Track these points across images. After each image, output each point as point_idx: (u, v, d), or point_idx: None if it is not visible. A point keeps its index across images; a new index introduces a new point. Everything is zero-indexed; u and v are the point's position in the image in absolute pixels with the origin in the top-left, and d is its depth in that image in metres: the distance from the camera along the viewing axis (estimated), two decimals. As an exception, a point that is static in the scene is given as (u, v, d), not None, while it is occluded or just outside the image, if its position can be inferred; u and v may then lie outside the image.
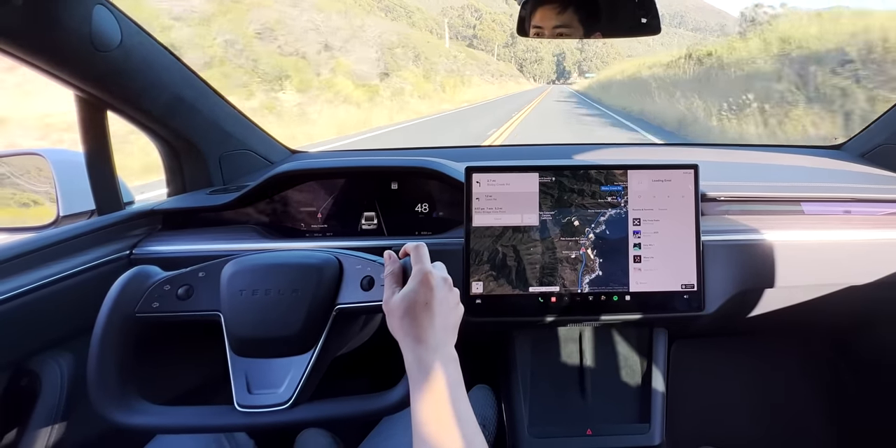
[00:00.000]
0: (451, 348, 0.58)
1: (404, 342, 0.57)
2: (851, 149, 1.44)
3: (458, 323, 0.62)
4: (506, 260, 0.93)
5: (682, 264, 0.94)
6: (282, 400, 0.63)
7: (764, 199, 1.08)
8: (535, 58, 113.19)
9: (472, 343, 0.73)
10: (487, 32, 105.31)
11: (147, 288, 0.66)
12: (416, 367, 0.55)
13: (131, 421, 0.62)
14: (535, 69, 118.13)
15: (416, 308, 0.57)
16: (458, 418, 0.52)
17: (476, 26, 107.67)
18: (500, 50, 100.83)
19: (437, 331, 0.57)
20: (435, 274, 0.60)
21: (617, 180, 0.95)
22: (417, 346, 0.56)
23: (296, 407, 0.63)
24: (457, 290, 0.63)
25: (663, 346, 1.08)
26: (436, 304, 0.58)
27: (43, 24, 0.77)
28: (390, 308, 0.59)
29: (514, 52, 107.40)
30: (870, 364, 1.43)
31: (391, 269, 0.63)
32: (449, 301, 0.61)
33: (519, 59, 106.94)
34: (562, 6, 0.96)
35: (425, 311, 0.57)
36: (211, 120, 1.16)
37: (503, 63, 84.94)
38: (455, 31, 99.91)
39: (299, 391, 0.63)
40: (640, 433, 1.00)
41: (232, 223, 1.09)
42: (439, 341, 0.57)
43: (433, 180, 1.10)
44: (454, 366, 0.57)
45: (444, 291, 0.60)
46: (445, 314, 0.59)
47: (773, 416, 1.45)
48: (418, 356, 0.55)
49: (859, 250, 1.02)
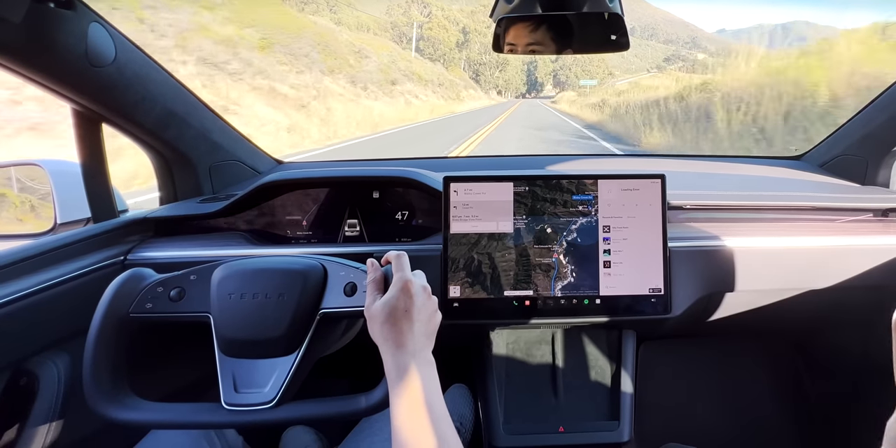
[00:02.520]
0: (429, 353, 0.60)
1: (384, 347, 0.59)
2: (811, 159, 1.48)
3: (435, 329, 0.63)
4: (481, 267, 0.96)
5: (649, 269, 0.98)
6: (266, 399, 0.65)
7: (728, 207, 1.12)
8: (495, 61, 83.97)
9: (449, 344, 0.75)
10: (437, 32, 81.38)
11: (141, 289, 0.68)
12: (395, 370, 0.57)
13: (123, 416, 0.64)
14: (495, 78, 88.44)
15: (396, 315, 0.59)
16: (434, 419, 0.54)
17: (424, 25, 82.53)
18: (451, 52, 78.48)
19: (415, 337, 0.59)
20: (415, 282, 0.62)
21: (588, 190, 0.98)
22: (397, 350, 0.58)
23: (280, 406, 0.65)
24: (435, 298, 0.65)
25: (632, 348, 1.11)
26: (415, 312, 0.60)
27: (41, 42, 0.78)
28: (371, 314, 0.61)
29: (467, 56, 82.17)
30: (825, 365, 1.48)
31: (373, 277, 0.65)
32: (427, 308, 0.62)
33: (474, 65, 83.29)
34: (534, 24, 0.97)
35: (405, 318, 0.59)
36: (201, 132, 1.19)
37: (454, 70, 64.47)
38: (398, 31, 78.14)
39: (283, 391, 0.65)
40: (609, 430, 1.03)
41: (221, 230, 1.12)
42: (418, 347, 0.59)
43: (413, 189, 1.13)
44: (431, 370, 0.58)
45: (424, 299, 0.62)
46: (424, 321, 0.61)
47: (736, 413, 1.49)
48: (397, 361, 0.57)
49: (818, 256, 1.05)
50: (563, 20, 0.97)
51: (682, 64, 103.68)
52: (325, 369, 0.93)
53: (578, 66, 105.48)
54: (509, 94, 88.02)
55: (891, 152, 1.22)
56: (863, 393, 1.37)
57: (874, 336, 1.28)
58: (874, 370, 1.32)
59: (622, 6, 0.94)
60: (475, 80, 75.44)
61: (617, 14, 0.91)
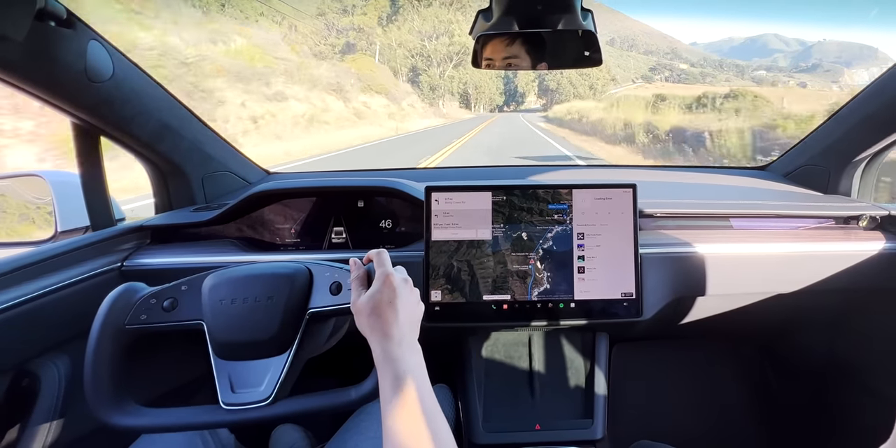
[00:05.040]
0: (415, 341, 0.63)
1: (372, 338, 0.61)
2: (776, 169, 1.52)
3: (419, 318, 0.66)
4: (461, 274, 1.00)
5: (621, 274, 1.01)
6: (263, 397, 0.67)
7: (696, 215, 1.16)
8: (444, 54, 55.54)
9: (431, 346, 0.78)
10: (371, 18, 57.55)
11: (135, 302, 0.70)
12: (384, 358, 0.59)
13: (126, 423, 0.66)
14: (447, 81, 56.40)
15: (381, 306, 0.62)
16: (422, 401, 0.56)
17: (353, 10, 59.06)
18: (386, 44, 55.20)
19: (401, 326, 0.61)
20: (396, 276, 0.65)
21: (563, 199, 1.02)
22: (384, 340, 0.60)
23: (276, 403, 0.68)
24: (417, 289, 0.68)
25: (605, 349, 1.15)
26: (399, 303, 0.63)
27: (42, 59, 0.81)
28: (358, 308, 0.63)
29: (408, 51, 55.38)
30: (790, 366, 1.52)
31: (356, 274, 0.68)
32: (410, 299, 0.65)
33: (413, 57, 55.85)
34: (510, 40, 1.00)
35: (389, 309, 0.62)
36: (194, 144, 1.22)
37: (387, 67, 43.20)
38: (327, 22, 55.28)
39: (278, 388, 0.68)
40: (583, 428, 1.07)
41: (213, 238, 1.15)
42: (403, 335, 0.61)
43: (396, 198, 1.17)
44: (418, 357, 0.61)
45: (406, 291, 0.65)
46: (408, 311, 0.64)
47: (705, 412, 1.53)
48: (385, 349, 0.59)
49: (782, 262, 1.10)
50: (538, 37, 1.00)
51: (668, 73, 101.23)
52: (316, 369, 0.96)
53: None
54: (481, 106, 62.65)
55: (852, 162, 1.26)
56: (827, 391, 1.41)
57: (838, 337, 1.34)
58: (838, 369, 1.37)
59: (595, 24, 0.96)
60: (415, 84, 47.10)
61: (590, 31, 0.93)
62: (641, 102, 21.80)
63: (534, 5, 0.90)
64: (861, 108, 1.17)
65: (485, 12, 0.97)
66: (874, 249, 1.11)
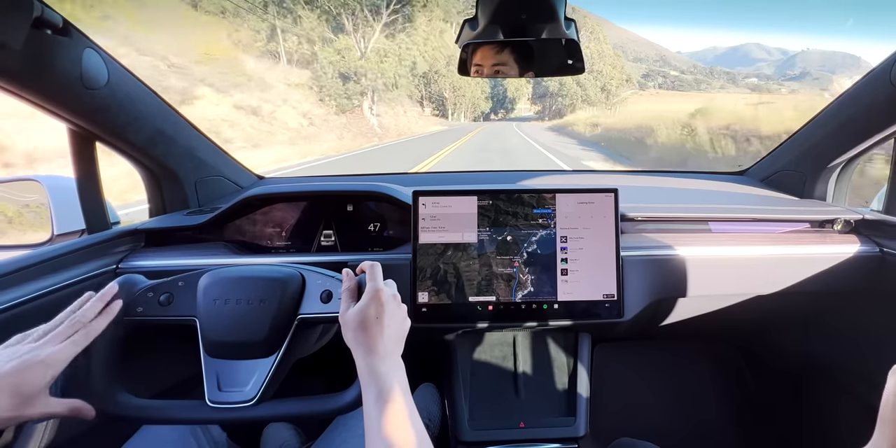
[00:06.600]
0: (398, 357, 0.63)
1: (356, 351, 0.62)
2: (753, 174, 1.55)
3: (404, 335, 0.67)
4: (447, 276, 1.03)
5: (603, 277, 1.04)
6: (247, 397, 0.68)
7: (676, 218, 1.19)
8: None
9: (418, 346, 0.80)
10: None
11: (133, 294, 0.72)
12: (368, 373, 0.60)
13: (115, 411, 0.68)
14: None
15: (368, 321, 0.62)
16: (403, 417, 0.56)
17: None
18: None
19: (385, 342, 0.62)
20: (386, 291, 0.66)
21: (547, 203, 1.05)
22: (368, 354, 0.61)
23: (259, 404, 0.69)
24: (405, 305, 0.69)
25: (587, 349, 1.17)
26: (386, 319, 0.63)
27: (39, 66, 0.82)
28: (346, 320, 0.64)
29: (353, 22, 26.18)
30: (767, 365, 1.56)
31: (348, 285, 0.69)
32: (397, 316, 0.66)
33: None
34: (499, 48, 1.02)
35: (376, 325, 0.62)
36: (187, 149, 1.24)
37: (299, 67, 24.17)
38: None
39: (263, 390, 0.69)
40: (566, 426, 1.09)
41: (206, 241, 1.17)
42: (388, 351, 0.62)
43: (384, 202, 1.19)
44: (400, 372, 0.61)
45: (394, 307, 0.66)
46: (394, 327, 0.64)
47: (684, 410, 1.56)
48: (369, 364, 0.60)
49: (760, 264, 1.13)
50: (525, 45, 1.03)
51: (661, 80, 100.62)
52: (302, 369, 0.97)
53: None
54: (461, 115, 51.32)
55: (826, 168, 1.29)
56: (803, 389, 1.44)
57: (812, 337, 1.37)
58: (813, 368, 1.40)
59: (578, 33, 0.98)
60: (344, 96, 24.52)
61: (573, 40, 0.96)
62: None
63: (518, 15, 0.92)
64: (836, 116, 1.21)
65: (471, 21, 0.98)
66: (849, 252, 1.13)
